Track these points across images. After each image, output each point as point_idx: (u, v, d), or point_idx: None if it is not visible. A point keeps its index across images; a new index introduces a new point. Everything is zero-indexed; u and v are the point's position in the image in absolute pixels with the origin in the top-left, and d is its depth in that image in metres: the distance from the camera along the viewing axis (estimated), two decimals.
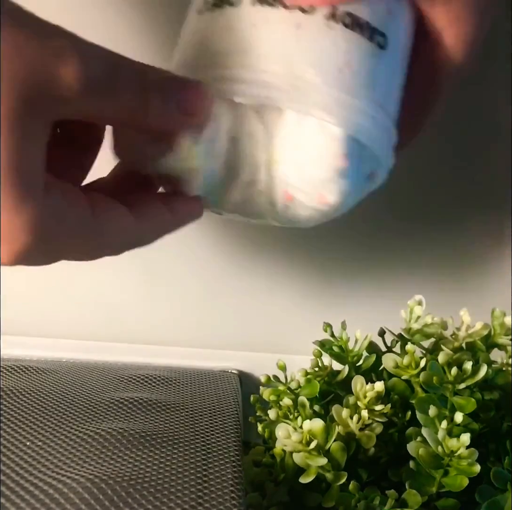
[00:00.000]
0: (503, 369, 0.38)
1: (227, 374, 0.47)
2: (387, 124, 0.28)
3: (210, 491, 0.29)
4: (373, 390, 0.33)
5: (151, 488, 0.29)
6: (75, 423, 0.35)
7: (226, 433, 0.36)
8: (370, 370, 0.38)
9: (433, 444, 0.31)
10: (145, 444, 0.33)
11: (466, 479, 0.30)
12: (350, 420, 0.33)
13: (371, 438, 0.33)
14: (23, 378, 0.42)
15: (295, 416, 0.33)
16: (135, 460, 0.31)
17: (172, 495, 0.29)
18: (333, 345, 0.38)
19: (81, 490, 0.28)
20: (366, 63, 0.27)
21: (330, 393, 0.37)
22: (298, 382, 0.35)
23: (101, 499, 0.27)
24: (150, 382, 0.43)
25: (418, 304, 0.38)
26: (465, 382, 0.33)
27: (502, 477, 0.31)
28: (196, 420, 0.37)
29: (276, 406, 0.35)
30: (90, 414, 0.36)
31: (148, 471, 0.30)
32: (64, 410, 0.37)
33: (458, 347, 0.38)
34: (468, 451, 0.30)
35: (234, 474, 0.31)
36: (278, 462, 0.34)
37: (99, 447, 0.32)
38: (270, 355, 0.44)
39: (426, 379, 0.33)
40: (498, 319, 0.39)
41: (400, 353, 0.37)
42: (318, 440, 0.31)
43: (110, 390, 0.40)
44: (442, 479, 0.31)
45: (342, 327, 0.38)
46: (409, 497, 0.31)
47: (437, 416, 0.31)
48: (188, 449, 0.33)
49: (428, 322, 0.38)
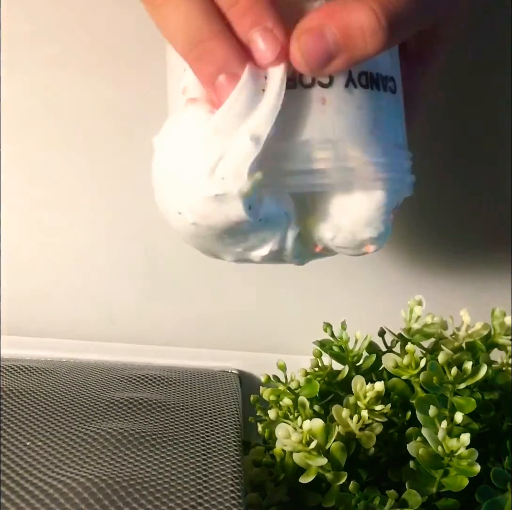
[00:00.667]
0: (503, 369, 0.38)
1: (227, 374, 0.47)
2: (408, 164, 0.30)
3: (210, 491, 0.29)
4: (373, 390, 0.33)
5: (151, 488, 0.29)
6: (75, 423, 0.35)
7: (226, 433, 0.36)
8: (370, 370, 0.38)
9: (433, 444, 0.31)
10: (145, 444, 0.33)
11: (466, 479, 0.30)
12: (350, 420, 0.33)
13: (371, 438, 0.33)
14: (23, 378, 0.42)
15: (295, 416, 0.33)
16: (135, 460, 0.31)
17: (172, 495, 0.29)
18: (333, 345, 0.38)
19: (81, 490, 0.28)
20: (388, 114, 0.29)
21: (330, 393, 0.37)
22: (298, 382, 0.35)
23: (101, 499, 0.27)
24: (150, 382, 0.43)
25: (418, 304, 0.38)
26: (465, 382, 0.33)
27: (502, 477, 0.31)
28: (196, 420, 0.37)
29: (276, 406, 0.35)
30: (90, 414, 0.36)
31: (148, 471, 0.30)
32: (64, 410, 0.37)
33: (458, 347, 0.38)
34: (468, 451, 0.30)
35: (234, 474, 0.31)
36: (278, 462, 0.34)
37: (99, 447, 0.32)
38: (270, 355, 0.44)
39: (426, 379, 0.33)
40: (498, 319, 0.39)
41: (400, 353, 0.37)
42: (318, 440, 0.31)
43: (110, 390, 0.40)
44: (442, 479, 0.31)
45: (342, 327, 0.38)
46: (409, 497, 0.31)
47: (437, 416, 0.31)
48: (188, 449, 0.33)
49: (428, 322, 0.38)
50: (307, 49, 0.25)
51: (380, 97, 0.28)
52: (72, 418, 0.36)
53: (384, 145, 0.28)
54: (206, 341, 0.51)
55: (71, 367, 0.45)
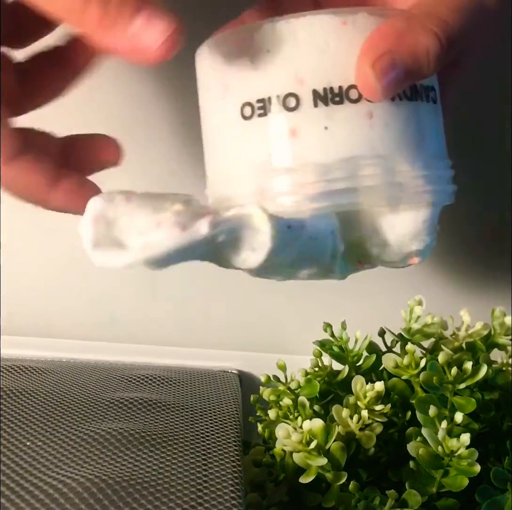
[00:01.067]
0: (503, 369, 0.38)
1: (227, 374, 0.47)
2: (450, 173, 0.30)
3: (210, 491, 0.29)
4: (373, 390, 0.33)
5: (151, 488, 0.29)
6: (75, 423, 0.35)
7: (226, 433, 0.36)
8: (370, 370, 0.38)
9: (433, 444, 0.31)
10: (145, 444, 0.33)
11: (466, 479, 0.30)
12: (350, 420, 0.33)
13: (371, 438, 0.33)
14: (23, 378, 0.42)
15: (295, 416, 0.33)
16: (135, 460, 0.31)
17: (172, 495, 0.29)
18: (333, 345, 0.38)
19: (81, 490, 0.28)
20: (432, 125, 0.28)
21: (330, 393, 0.37)
22: (298, 382, 0.35)
23: (101, 499, 0.27)
24: (150, 382, 0.43)
25: (418, 304, 0.38)
26: (465, 382, 0.33)
27: (502, 477, 0.31)
28: (196, 420, 0.37)
29: (276, 406, 0.35)
30: (90, 414, 0.36)
31: (148, 471, 0.30)
32: (64, 410, 0.37)
33: (458, 347, 0.38)
34: (468, 451, 0.30)
35: (234, 474, 0.31)
36: (278, 462, 0.34)
37: (99, 447, 0.32)
38: (270, 355, 0.44)
39: (426, 379, 0.33)
40: (498, 319, 0.39)
41: (400, 353, 0.37)
42: (318, 440, 0.31)
43: (110, 390, 0.40)
44: (442, 479, 0.31)
45: (342, 327, 0.38)
46: (409, 497, 0.31)
47: (437, 416, 0.31)
48: (188, 449, 0.33)
49: (428, 322, 0.38)
50: (381, 77, 0.25)
51: (424, 108, 0.27)
52: (72, 418, 0.36)
53: (429, 157, 0.28)
54: (206, 341, 0.51)
55: (71, 367, 0.45)
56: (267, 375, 0.36)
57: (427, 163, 0.27)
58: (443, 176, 0.29)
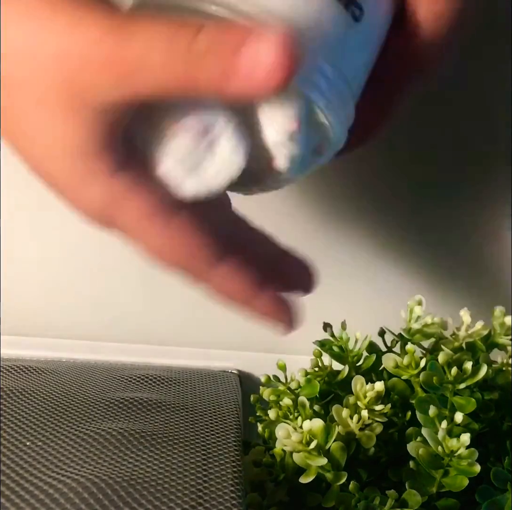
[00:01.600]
0: (503, 369, 0.38)
1: (227, 374, 0.47)
2: (346, 96, 0.27)
3: (210, 491, 0.29)
4: (373, 390, 0.33)
5: (151, 488, 0.29)
6: (75, 423, 0.35)
7: (226, 433, 0.36)
8: (370, 370, 0.38)
9: (433, 444, 0.31)
10: (145, 444, 0.33)
11: (466, 479, 0.30)
12: (350, 420, 0.33)
13: (371, 438, 0.33)
14: (23, 378, 0.42)
15: (295, 416, 0.33)
16: (135, 460, 0.31)
17: (172, 495, 0.29)
18: (333, 345, 0.38)
19: (81, 490, 0.28)
20: (336, 29, 0.26)
21: (330, 393, 0.37)
22: (298, 382, 0.35)
23: (101, 499, 0.27)
24: (150, 382, 0.43)
25: (418, 304, 0.38)
26: (465, 382, 0.33)
27: (502, 477, 0.31)
28: (196, 420, 0.37)
29: (276, 406, 0.35)
30: (90, 414, 0.36)
31: (148, 471, 0.30)
32: (64, 410, 0.37)
33: (458, 347, 0.38)
34: (468, 451, 0.30)
35: (234, 474, 0.31)
36: (278, 462, 0.34)
37: (99, 447, 0.32)
38: (270, 355, 0.44)
39: (426, 379, 0.33)
40: (498, 319, 0.39)
41: (400, 353, 0.37)
42: (318, 440, 0.31)
43: (110, 390, 0.40)
44: (442, 479, 0.31)
45: (342, 327, 0.38)
46: (409, 497, 0.31)
47: (437, 416, 0.31)
48: (188, 449, 0.33)
49: (428, 322, 0.38)
50: None
51: (336, 7, 0.26)
52: (72, 418, 0.36)
53: (314, 46, 0.25)
54: (206, 341, 0.51)
55: (71, 367, 0.45)
56: (267, 375, 0.36)
57: (307, 48, 0.24)
58: (320, 70, 0.25)
